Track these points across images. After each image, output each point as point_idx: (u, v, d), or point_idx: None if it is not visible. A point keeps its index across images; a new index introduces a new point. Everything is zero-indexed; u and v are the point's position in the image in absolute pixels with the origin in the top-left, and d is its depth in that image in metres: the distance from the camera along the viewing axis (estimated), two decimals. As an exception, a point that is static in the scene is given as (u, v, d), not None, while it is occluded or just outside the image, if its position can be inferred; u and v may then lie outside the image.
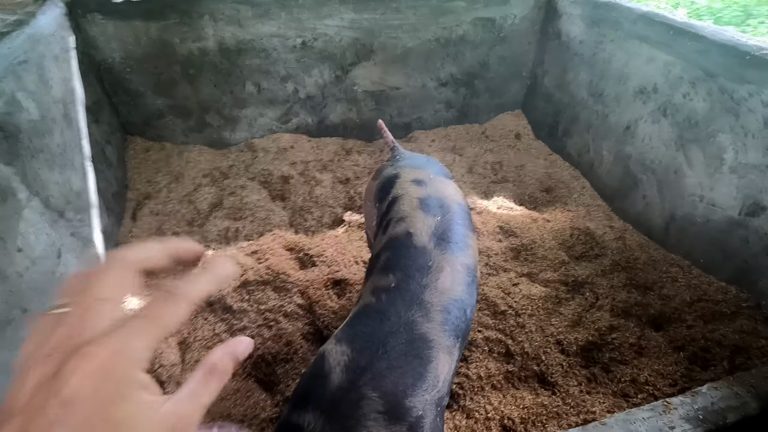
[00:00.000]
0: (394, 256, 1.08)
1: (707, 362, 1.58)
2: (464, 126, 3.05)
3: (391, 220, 1.20)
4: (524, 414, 1.46)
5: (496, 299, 1.80)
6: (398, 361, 0.91)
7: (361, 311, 1.01)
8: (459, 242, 1.11)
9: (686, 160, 1.87)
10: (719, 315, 1.72)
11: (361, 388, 0.87)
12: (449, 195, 1.24)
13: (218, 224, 2.24)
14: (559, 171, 2.66)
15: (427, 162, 1.45)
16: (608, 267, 1.99)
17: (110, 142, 2.29)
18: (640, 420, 1.28)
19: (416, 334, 0.95)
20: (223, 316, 1.78)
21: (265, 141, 2.71)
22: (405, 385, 0.90)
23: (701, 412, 1.31)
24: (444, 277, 1.03)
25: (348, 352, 0.91)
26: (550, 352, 1.65)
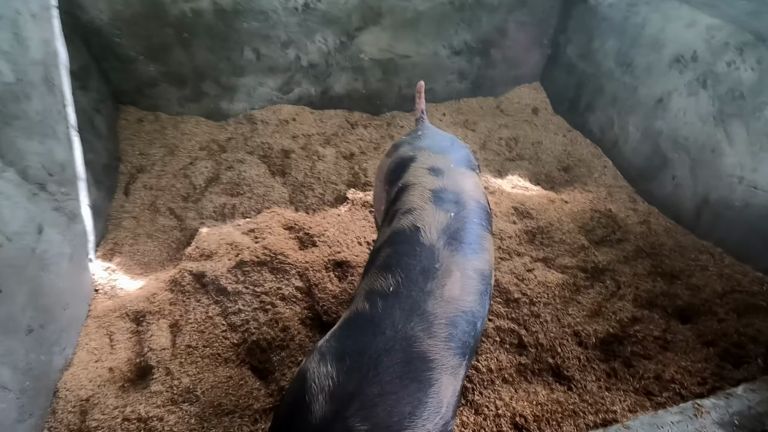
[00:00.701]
0: (396, 254, 0.94)
1: (740, 359, 1.45)
2: (478, 99, 2.85)
3: (398, 212, 1.05)
4: (537, 411, 1.35)
5: (509, 286, 1.67)
6: (392, 386, 0.78)
7: (352, 320, 0.88)
8: (473, 244, 0.96)
9: (726, 136, 1.69)
10: (754, 308, 1.58)
11: (348, 420, 0.74)
12: (468, 190, 1.09)
13: (214, 200, 2.12)
14: (579, 148, 2.48)
15: (452, 146, 1.27)
16: (631, 253, 1.84)
17: (99, 110, 2.15)
18: (669, 424, 1.16)
19: (415, 353, 0.81)
20: (217, 298, 1.67)
21: (265, 112, 2.55)
22: (401, 415, 0.76)
23: (737, 417, 1.18)
24: (452, 283, 0.89)
25: (333, 374, 0.78)
26: (567, 344, 1.53)
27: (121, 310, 1.69)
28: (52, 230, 1.55)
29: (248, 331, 1.55)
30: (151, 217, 2.10)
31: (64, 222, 1.64)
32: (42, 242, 1.47)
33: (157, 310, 1.66)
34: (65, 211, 1.66)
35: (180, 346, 1.53)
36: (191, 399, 1.36)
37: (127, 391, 1.43)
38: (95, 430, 1.29)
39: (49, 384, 1.43)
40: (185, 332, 1.57)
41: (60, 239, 1.59)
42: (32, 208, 1.44)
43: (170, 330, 1.61)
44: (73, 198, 1.75)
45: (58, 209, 1.61)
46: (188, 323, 1.60)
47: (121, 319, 1.68)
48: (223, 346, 1.53)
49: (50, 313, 1.46)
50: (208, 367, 1.45)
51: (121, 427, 1.29)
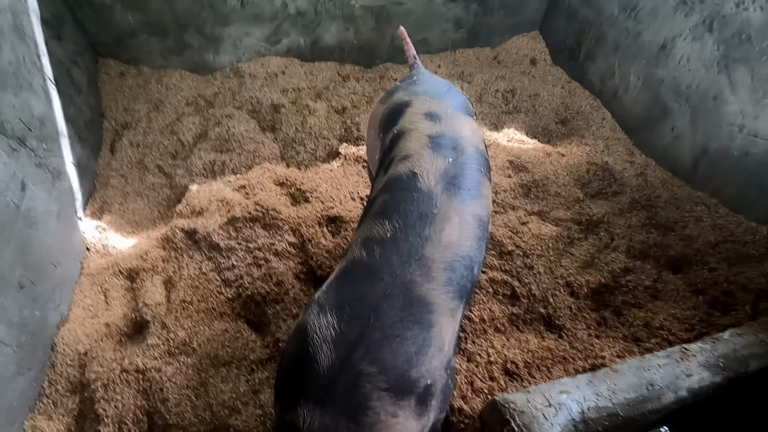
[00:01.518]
0: (393, 200, 0.91)
1: (728, 306, 1.47)
2: (474, 50, 2.74)
3: (394, 159, 1.02)
4: (528, 358, 1.38)
5: (503, 239, 1.66)
6: (395, 329, 0.78)
7: (349, 269, 0.87)
8: (472, 189, 0.93)
9: (729, 83, 1.63)
10: (746, 257, 1.59)
11: (356, 365, 0.74)
12: (466, 136, 1.05)
13: (203, 157, 2.07)
14: (578, 100, 2.41)
15: (449, 91, 1.21)
16: (626, 205, 1.83)
17: (77, 63, 2.05)
18: (655, 367, 1.18)
19: (414, 297, 0.81)
20: (210, 254, 1.66)
21: (253, 65, 2.44)
22: (407, 355, 0.78)
23: (722, 360, 1.20)
24: (450, 228, 0.87)
25: (334, 323, 0.78)
26: (559, 294, 1.54)
27: (114, 267, 1.69)
28: (37, 187, 1.51)
29: (242, 286, 1.55)
30: (140, 175, 2.06)
31: (48, 179, 1.60)
32: (27, 199, 1.44)
33: (151, 267, 1.66)
34: (49, 168, 1.62)
35: (175, 301, 1.53)
36: (188, 351, 1.38)
37: (124, 345, 1.45)
38: (94, 381, 1.32)
39: (46, 339, 1.44)
40: (179, 288, 1.57)
41: (45, 197, 1.55)
42: (12, 164, 1.39)
43: (164, 286, 1.61)
44: (56, 155, 1.69)
45: (40, 166, 1.56)
46: (182, 279, 1.60)
47: (115, 277, 1.68)
48: (217, 300, 1.53)
49: (41, 271, 1.45)
50: (204, 321, 1.46)
51: (120, 378, 1.31)
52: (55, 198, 1.61)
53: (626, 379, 1.14)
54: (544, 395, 1.10)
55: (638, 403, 1.12)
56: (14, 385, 1.24)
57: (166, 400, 1.25)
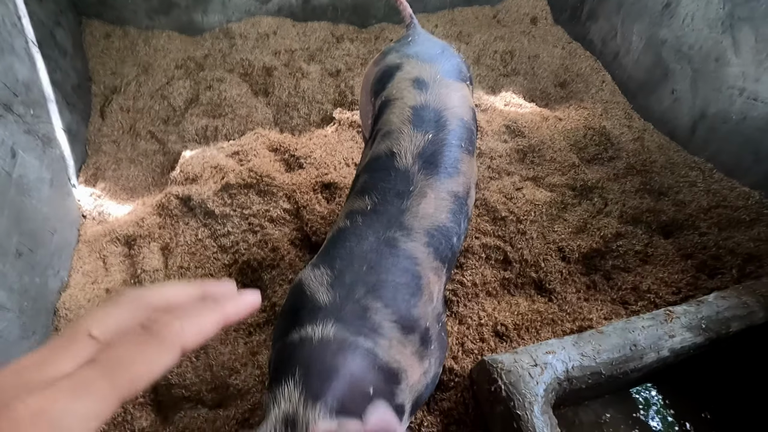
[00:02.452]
0: (372, 179, 0.95)
1: (716, 270, 1.50)
2: (473, 8, 2.64)
3: (378, 133, 1.03)
4: (518, 320, 1.42)
5: (497, 204, 1.67)
6: (389, 274, 0.82)
7: (335, 236, 0.91)
8: (449, 167, 0.95)
9: (733, 44, 1.59)
10: (736, 222, 1.61)
11: (361, 300, 0.78)
12: (452, 106, 1.03)
13: (195, 122, 2.04)
14: (578, 62, 2.35)
15: (442, 54, 1.17)
16: (622, 170, 1.83)
17: (60, 24, 1.97)
18: (639, 329, 1.22)
19: (400, 250, 0.85)
20: (205, 221, 1.67)
21: (243, 25, 2.35)
22: (405, 296, 0.82)
23: (704, 321, 1.24)
24: (426, 203, 0.91)
25: (328, 272, 0.82)
26: (551, 259, 1.57)
27: (111, 234, 1.70)
28: (27, 154, 1.49)
29: (238, 252, 1.57)
30: (132, 142, 2.03)
31: (38, 146, 1.58)
32: (18, 166, 1.43)
33: (147, 233, 1.67)
34: (38, 134, 1.59)
35: (172, 267, 1.56)
36: (187, 315, 1.41)
37: (125, 310, 1.49)
38: (97, 344, 1.36)
39: (48, 305, 1.47)
40: (176, 254, 1.59)
41: (37, 164, 1.54)
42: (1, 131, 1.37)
43: (161, 252, 1.63)
44: (45, 121, 1.66)
45: (29, 132, 1.54)
46: (178, 246, 1.62)
47: (113, 243, 1.70)
48: (214, 266, 1.56)
49: (38, 238, 1.46)
50: (202, 286, 1.49)
51: (122, 342, 1.35)
52: (46, 165, 1.60)
53: (611, 340, 1.18)
54: (530, 355, 1.14)
55: (621, 362, 1.17)
56: (19, 348, 1.28)
57: (167, 361, 1.29)
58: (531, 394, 1.07)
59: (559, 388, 1.12)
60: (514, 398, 1.07)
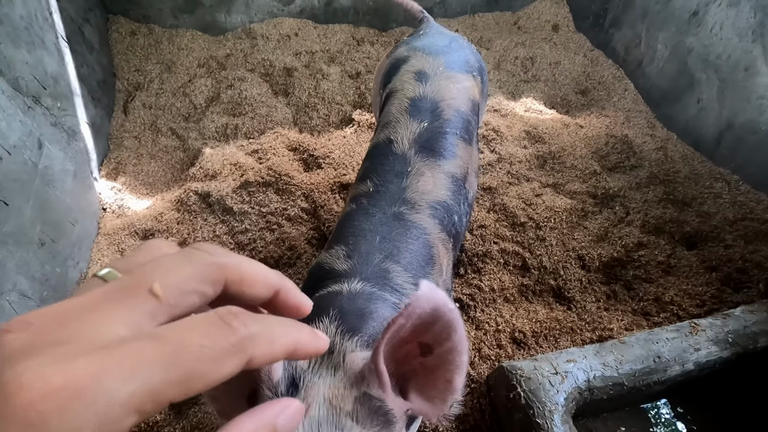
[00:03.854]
0: (372, 165, 0.98)
1: (741, 284, 1.46)
2: (494, 14, 2.63)
3: (379, 125, 1.08)
4: (536, 327, 1.40)
5: (516, 210, 1.65)
6: (401, 242, 0.83)
7: (343, 220, 0.92)
8: (445, 151, 0.97)
9: (763, 53, 1.56)
10: (763, 235, 1.56)
11: (381, 264, 0.78)
12: (449, 97, 1.05)
13: (216, 120, 2.05)
14: (600, 70, 2.32)
15: (449, 46, 1.20)
16: (644, 179, 1.80)
17: (89, 20, 2.01)
18: (664, 340, 1.19)
19: (408, 222, 0.87)
20: (223, 217, 1.68)
21: (266, 26, 2.38)
22: (421, 262, 0.82)
23: (731, 335, 1.21)
24: (425, 181, 0.93)
25: (343, 248, 0.82)
26: (570, 267, 1.54)
27: (130, 228, 1.72)
28: (53, 146, 1.52)
29: (255, 249, 1.58)
30: (153, 137, 2.06)
31: (64, 138, 1.60)
32: (44, 158, 1.45)
33: (165, 228, 1.68)
34: (64, 127, 1.62)
35: (190, 262, 1.56)
36: (203, 310, 1.41)
37: (141, 303, 1.49)
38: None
39: (67, 295, 1.49)
40: (194, 250, 1.60)
41: (62, 156, 1.57)
42: (29, 122, 1.40)
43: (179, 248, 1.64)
44: (71, 114, 1.69)
45: (56, 125, 1.57)
46: (196, 241, 1.62)
47: (131, 237, 1.71)
48: (231, 263, 1.56)
49: (60, 228, 1.48)
50: (218, 282, 1.49)
51: (139, 334, 1.35)
52: (71, 158, 1.63)
53: (634, 351, 1.16)
54: (551, 363, 1.12)
55: (644, 374, 1.14)
56: (39, 336, 1.29)
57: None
58: (551, 403, 1.04)
59: (579, 397, 1.10)
60: (533, 406, 1.04)
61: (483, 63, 1.30)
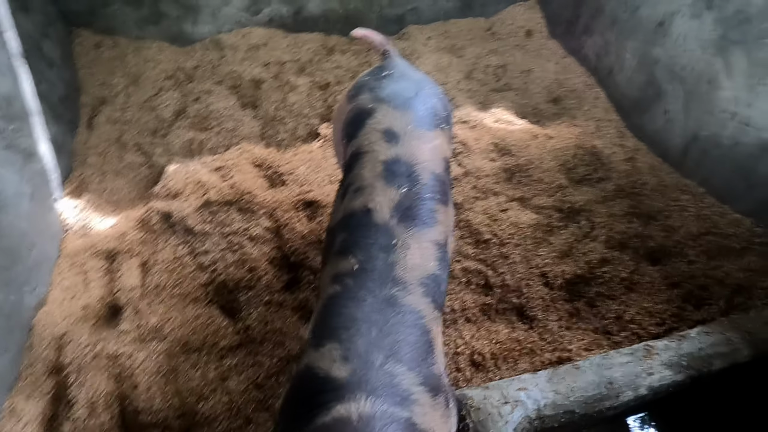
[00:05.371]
0: (351, 236, 0.92)
1: (702, 301, 1.46)
2: (467, 20, 2.61)
3: (350, 188, 1.01)
4: (496, 349, 1.39)
5: (480, 227, 1.64)
6: (399, 334, 0.78)
7: (328, 305, 0.85)
8: (426, 218, 0.94)
9: (725, 67, 1.54)
10: (726, 250, 1.56)
11: (384, 367, 0.73)
12: (423, 160, 1.01)
13: (182, 135, 2.03)
14: (572, 78, 2.30)
15: (416, 97, 1.12)
16: (611, 193, 1.79)
17: (48, 35, 1.97)
18: (617, 365, 1.18)
19: (402, 307, 0.82)
20: (185, 238, 1.65)
21: (234, 36, 2.34)
22: (423, 355, 0.78)
23: (685, 358, 1.20)
24: (412, 254, 0.88)
25: (336, 346, 0.76)
26: (533, 284, 1.53)
27: (93, 248, 1.69)
28: (5, 170, 1.49)
29: (216, 271, 1.56)
30: (118, 154, 2.03)
31: (18, 161, 1.57)
32: (-6, 184, 1.42)
33: (128, 249, 1.66)
34: (18, 149, 1.59)
35: (149, 285, 1.54)
36: (159, 337, 1.39)
37: (99, 329, 1.47)
38: (69, 365, 1.34)
39: (23, 322, 1.46)
40: (154, 272, 1.57)
41: (16, 179, 1.53)
42: (-24, 148, 1.37)
43: (140, 269, 1.62)
44: (26, 135, 1.66)
45: (9, 147, 1.54)
46: (157, 263, 1.60)
47: (94, 258, 1.69)
48: (191, 285, 1.54)
49: (14, 255, 1.45)
50: (177, 307, 1.48)
51: (93, 363, 1.34)
52: (27, 179, 1.59)
53: (586, 377, 1.15)
54: (501, 392, 1.11)
55: (596, 400, 1.13)
56: (-12, 368, 1.27)
57: (136, 386, 1.28)
58: (499, 435, 1.03)
59: (529, 427, 1.09)
60: (481, 438, 1.03)
61: (449, 106, 1.25)
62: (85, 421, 1.22)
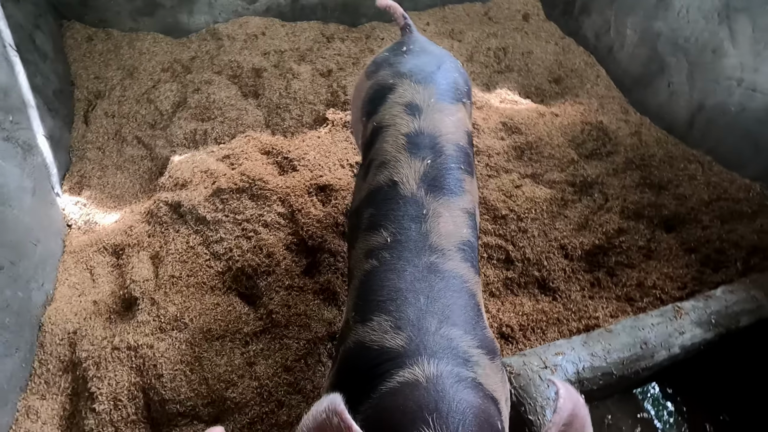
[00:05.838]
0: (379, 211, 0.90)
1: (720, 264, 1.48)
2: (464, 5, 2.61)
3: (373, 163, 0.99)
4: (523, 321, 1.39)
5: (497, 203, 1.64)
6: (448, 299, 0.77)
7: (365, 281, 0.83)
8: (454, 188, 0.93)
9: (730, 35, 1.57)
10: (738, 214, 1.59)
11: (439, 331, 0.71)
12: (446, 132, 1.00)
13: (184, 126, 1.97)
14: (572, 57, 2.33)
15: (438, 71, 1.11)
16: (621, 165, 1.81)
17: (39, 27, 1.90)
18: (649, 326, 1.19)
19: (446, 272, 0.80)
20: (197, 227, 1.61)
21: (231, 26, 2.30)
22: (475, 320, 0.78)
23: (714, 316, 1.22)
24: (444, 222, 0.87)
25: (384, 317, 0.74)
26: (553, 257, 1.54)
27: (98, 244, 1.64)
28: (7, 162, 1.43)
29: (232, 258, 1.52)
30: (118, 147, 1.97)
31: (18, 154, 1.51)
32: (-3, 176, 1.36)
33: (136, 242, 1.61)
34: (18, 141, 1.52)
35: (163, 276, 1.49)
36: (180, 326, 1.35)
37: (114, 323, 1.42)
38: (85, 360, 1.29)
39: (32, 319, 1.40)
40: (167, 263, 1.53)
41: (18, 172, 1.47)
42: (-23, 139, 1.31)
43: (151, 261, 1.57)
44: (25, 127, 1.59)
45: (8, 139, 1.47)
46: (169, 254, 1.55)
47: (100, 253, 1.63)
48: (207, 274, 1.50)
49: (20, 250, 1.39)
50: (194, 296, 1.44)
51: (112, 356, 1.29)
52: (28, 173, 1.53)
53: (620, 339, 1.15)
54: (540, 357, 1.10)
55: (632, 361, 1.13)
56: (2, 366, 1.21)
57: (160, 375, 1.23)
58: (542, 398, 1.03)
59: (570, 390, 1.09)
60: (525, 403, 1.03)
61: (469, 81, 1.24)
62: (110, 413, 1.18)
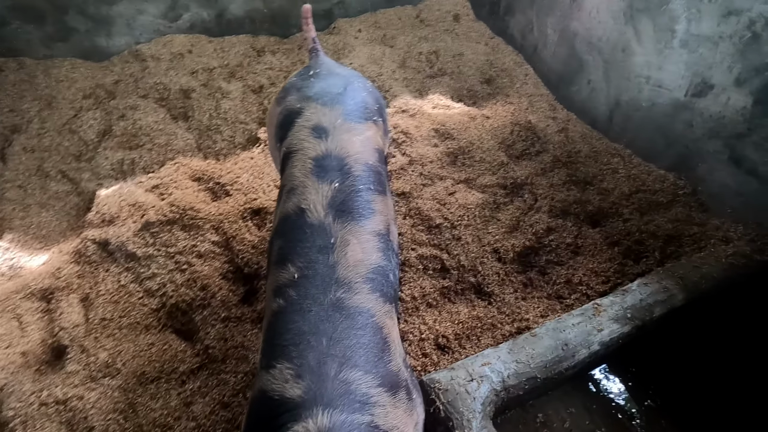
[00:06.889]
0: (288, 243, 0.89)
1: (640, 255, 1.56)
2: (395, 9, 2.61)
3: (284, 189, 0.99)
4: (459, 329, 1.43)
5: (431, 212, 1.66)
6: (352, 338, 0.77)
7: (273, 321, 0.83)
8: (363, 210, 0.92)
9: (635, 34, 1.65)
10: (655, 205, 1.68)
11: (338, 377, 0.72)
12: (354, 152, 1.00)
13: (110, 156, 1.90)
14: (502, 57, 2.38)
15: (344, 92, 1.12)
16: (549, 164, 1.87)
17: (-63, 63, 1.78)
18: (570, 327, 1.24)
19: (351, 309, 0.81)
20: (128, 265, 1.56)
21: (154, 46, 2.22)
22: (378, 356, 0.78)
23: (629, 311, 1.28)
24: (353, 250, 0.87)
25: (286, 364, 0.74)
26: (487, 261, 1.58)
27: (25, 290, 1.56)
28: None
29: (166, 294, 1.48)
30: (41, 184, 1.88)
31: None
32: None
33: (65, 285, 1.55)
34: None
35: (93, 320, 1.45)
36: (112, 372, 1.32)
37: (44, 374, 1.36)
38: (12, 419, 1.24)
39: (-51, 382, 1.33)
40: (98, 305, 1.48)
41: None
42: None
43: (81, 305, 1.51)
44: (-73, 176, 1.49)
45: None
46: (100, 295, 1.50)
47: (28, 300, 1.56)
48: (141, 313, 1.46)
49: (-69, 310, 1.31)
50: (127, 338, 1.40)
51: (39, 413, 1.24)
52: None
53: (543, 343, 1.20)
54: (466, 370, 1.14)
55: (555, 363, 1.19)
56: None
57: (91, 429, 1.20)
58: (469, 411, 1.06)
59: (497, 398, 1.13)
60: (452, 417, 1.06)
61: (381, 99, 1.25)
62: (38, 475, 1.14)
